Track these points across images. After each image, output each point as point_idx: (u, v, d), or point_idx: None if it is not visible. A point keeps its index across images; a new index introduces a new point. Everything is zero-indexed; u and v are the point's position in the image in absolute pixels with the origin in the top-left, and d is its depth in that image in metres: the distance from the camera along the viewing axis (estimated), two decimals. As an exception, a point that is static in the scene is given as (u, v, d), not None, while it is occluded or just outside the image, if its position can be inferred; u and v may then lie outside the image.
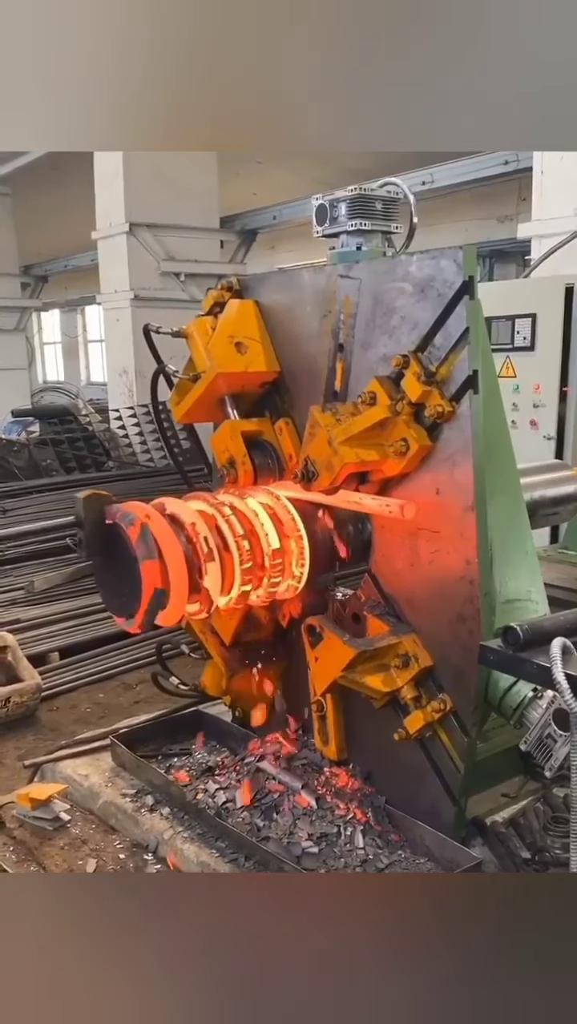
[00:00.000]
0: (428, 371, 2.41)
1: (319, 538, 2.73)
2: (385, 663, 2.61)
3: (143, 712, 4.18)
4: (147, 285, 10.86)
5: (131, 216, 10.63)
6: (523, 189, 12.43)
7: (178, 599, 2.50)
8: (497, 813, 2.81)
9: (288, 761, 2.92)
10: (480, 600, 2.40)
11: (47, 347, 29.32)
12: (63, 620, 5.69)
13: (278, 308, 2.97)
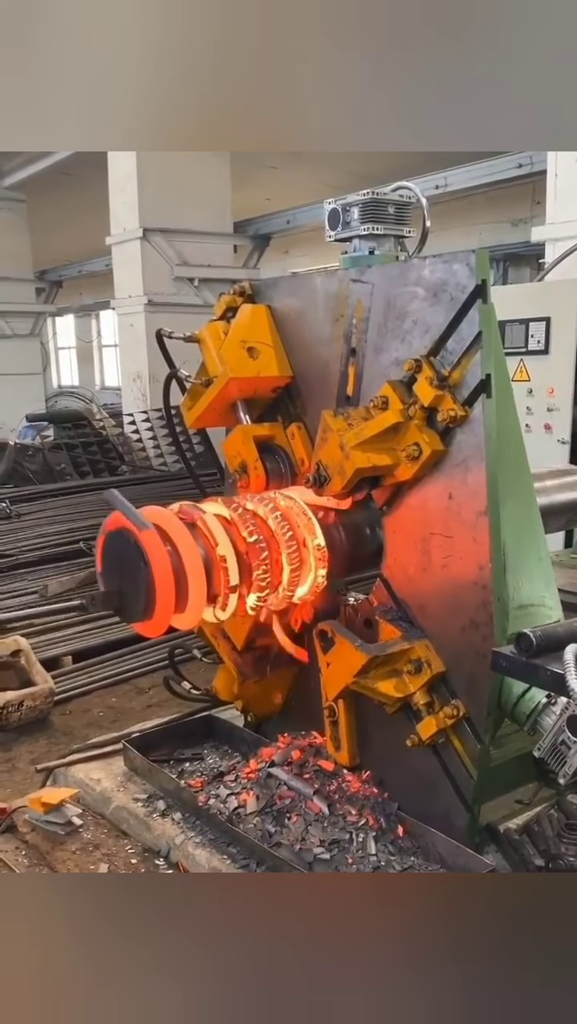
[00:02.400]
0: (441, 375, 2.41)
1: (336, 543, 2.72)
2: (397, 668, 2.59)
3: (155, 716, 4.17)
4: (160, 290, 10.90)
5: (145, 221, 10.68)
6: (537, 192, 12.40)
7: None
8: (511, 820, 2.79)
9: (300, 767, 2.91)
10: (493, 605, 2.38)
11: (62, 352, 29.48)
12: (76, 624, 5.71)
13: (290, 312, 2.97)
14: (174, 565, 2.39)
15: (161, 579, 2.37)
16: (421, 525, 2.56)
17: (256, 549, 2.55)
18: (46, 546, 7.33)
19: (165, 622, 2.46)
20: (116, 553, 2.51)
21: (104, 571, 2.56)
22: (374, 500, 2.69)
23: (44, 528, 7.87)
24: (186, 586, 2.42)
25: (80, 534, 7.52)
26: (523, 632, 2.13)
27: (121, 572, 2.48)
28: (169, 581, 2.38)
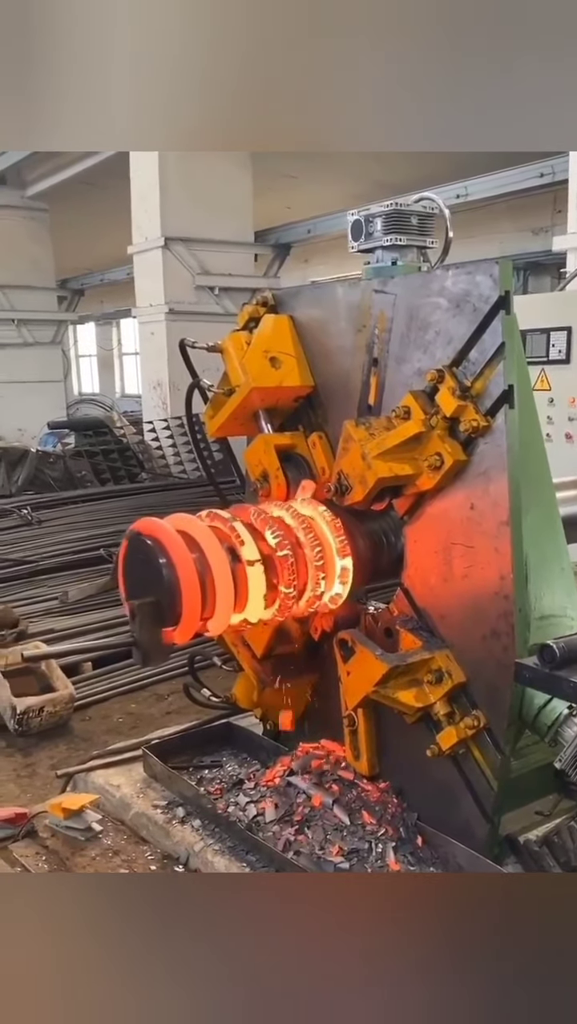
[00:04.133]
0: (463, 385, 2.41)
1: (357, 552, 2.72)
2: (418, 678, 2.59)
3: (175, 723, 4.19)
4: (181, 299, 10.98)
5: (166, 230, 10.76)
6: (558, 201, 12.38)
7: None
8: (531, 831, 2.78)
9: (320, 776, 2.91)
10: (515, 616, 2.38)
11: (83, 360, 29.69)
12: (96, 630, 5.73)
13: (312, 323, 2.99)
14: (199, 571, 2.41)
15: (187, 585, 2.39)
16: (442, 535, 2.56)
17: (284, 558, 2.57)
18: (66, 553, 7.38)
19: (191, 629, 2.49)
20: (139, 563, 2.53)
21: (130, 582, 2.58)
22: (395, 509, 2.70)
23: (65, 535, 7.92)
24: (213, 592, 2.44)
25: (100, 541, 7.56)
26: (546, 643, 2.13)
27: (145, 581, 2.50)
28: (195, 587, 2.40)
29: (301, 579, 2.63)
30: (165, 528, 2.49)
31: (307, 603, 2.69)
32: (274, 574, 2.56)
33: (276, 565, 2.56)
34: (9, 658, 4.74)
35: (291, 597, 2.61)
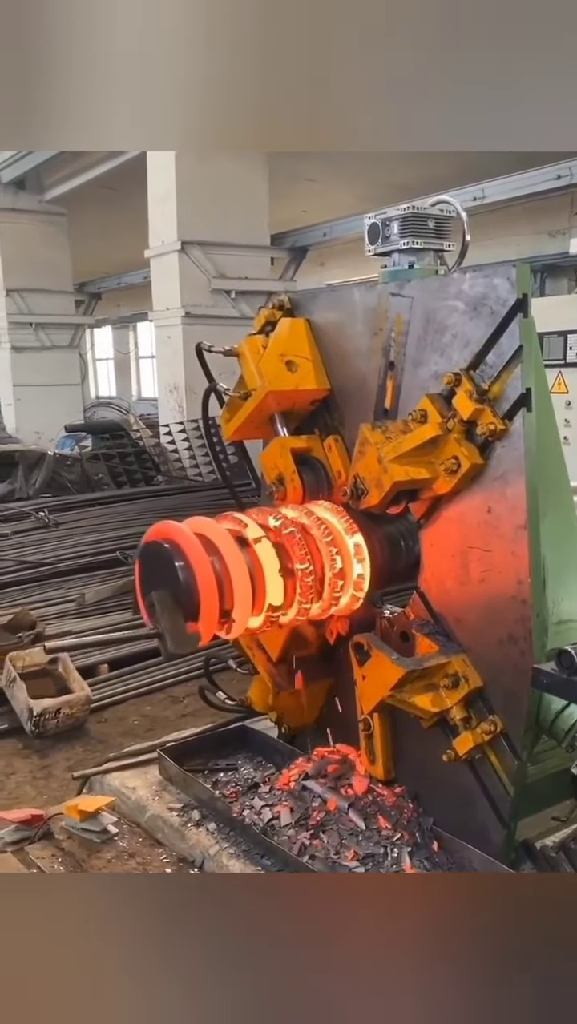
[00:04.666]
0: (480, 389, 2.40)
1: (373, 556, 2.71)
2: (434, 683, 2.58)
3: (190, 725, 4.20)
4: (198, 302, 11.00)
5: (183, 234, 10.79)
6: (576, 203, 12.35)
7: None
8: (547, 837, 2.76)
9: (336, 780, 2.91)
10: (532, 621, 2.37)
11: (99, 363, 29.83)
12: (113, 632, 5.75)
13: (329, 326, 2.99)
14: (216, 573, 2.42)
15: (205, 587, 2.40)
16: (459, 539, 2.55)
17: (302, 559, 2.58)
18: (84, 555, 7.41)
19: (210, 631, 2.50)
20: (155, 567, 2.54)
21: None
22: (411, 513, 2.69)
23: (82, 537, 7.95)
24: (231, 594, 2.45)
25: (117, 543, 7.59)
26: (565, 649, 2.12)
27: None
28: (212, 589, 2.41)
29: (317, 560, 2.62)
30: (180, 530, 2.50)
31: (328, 597, 2.68)
32: (286, 555, 2.56)
33: (284, 545, 2.56)
34: (27, 660, 4.76)
35: (308, 573, 2.59)
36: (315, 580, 2.62)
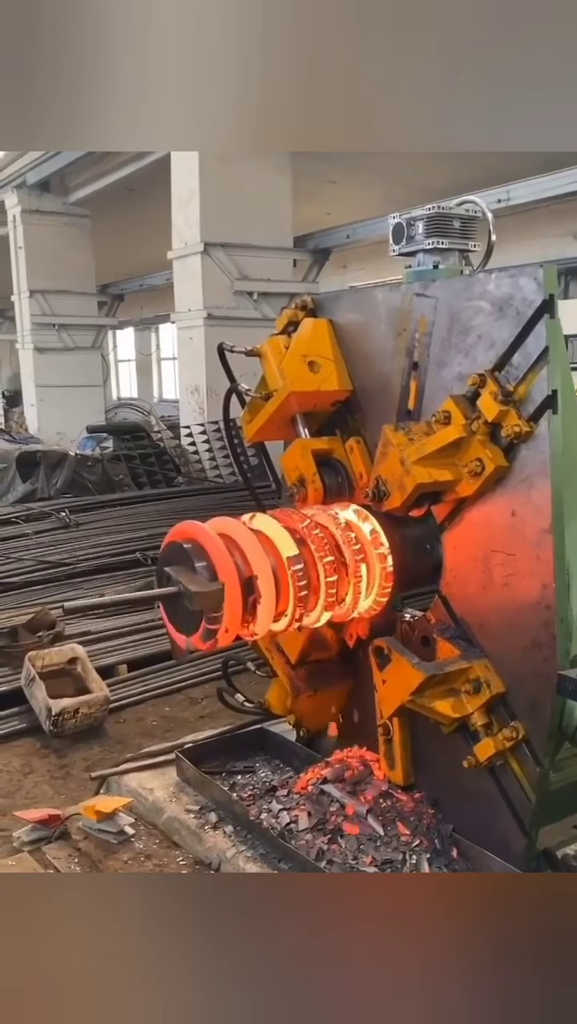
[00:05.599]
0: (505, 390, 2.37)
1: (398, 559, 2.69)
2: (455, 688, 2.55)
3: (208, 727, 4.18)
4: (220, 304, 11.01)
5: (206, 236, 10.81)
6: (601, 206, 12.22)
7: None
8: (569, 845, 2.73)
9: (354, 785, 2.88)
10: (556, 626, 2.33)
11: (121, 364, 29.97)
12: (132, 633, 5.75)
13: (352, 327, 2.96)
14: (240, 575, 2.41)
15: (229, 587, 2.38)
16: (482, 542, 2.52)
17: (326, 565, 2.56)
18: (103, 555, 7.42)
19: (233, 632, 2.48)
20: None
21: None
22: (434, 515, 2.66)
23: (101, 538, 7.97)
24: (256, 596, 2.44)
25: (137, 544, 7.59)
26: (590, 655, 2.08)
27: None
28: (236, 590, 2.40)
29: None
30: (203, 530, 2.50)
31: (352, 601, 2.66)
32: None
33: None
34: (46, 659, 4.77)
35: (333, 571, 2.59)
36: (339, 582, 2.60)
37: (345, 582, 2.59)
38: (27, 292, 16.05)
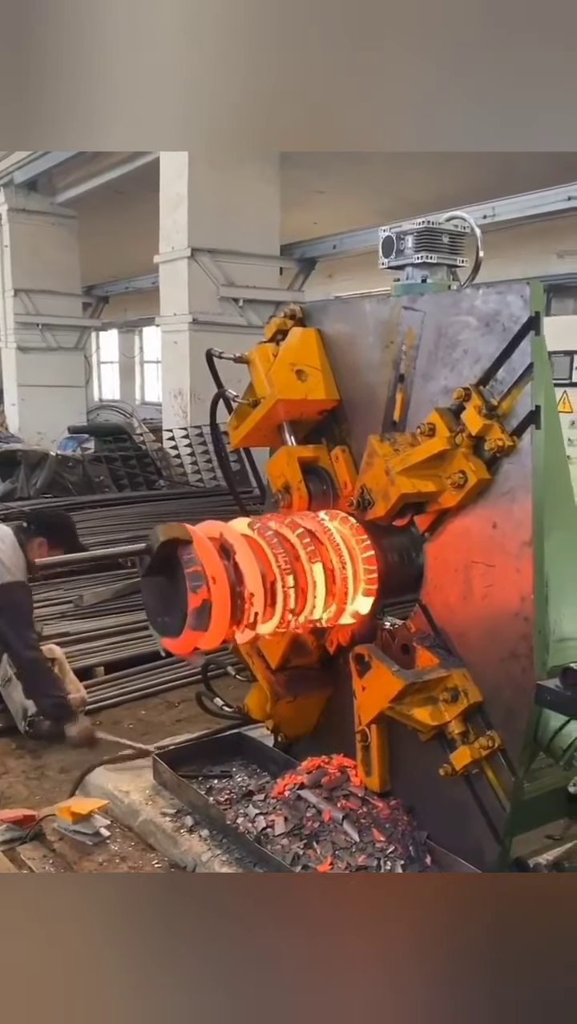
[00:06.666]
0: (490, 404, 2.41)
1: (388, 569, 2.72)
2: (433, 696, 2.58)
3: (185, 731, 4.19)
4: (206, 309, 11.04)
5: (193, 241, 10.84)
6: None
7: (206, 645, 2.54)
8: (541, 855, 2.76)
9: (330, 791, 2.90)
10: (534, 637, 2.37)
11: (104, 366, 29.90)
12: (110, 635, 5.75)
13: (340, 337, 3.00)
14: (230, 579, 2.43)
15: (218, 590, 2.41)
16: (463, 553, 2.55)
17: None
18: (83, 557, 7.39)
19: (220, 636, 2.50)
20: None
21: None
22: (416, 526, 2.69)
23: (82, 539, 7.94)
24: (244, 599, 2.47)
25: (118, 546, 7.58)
26: (569, 666, 2.12)
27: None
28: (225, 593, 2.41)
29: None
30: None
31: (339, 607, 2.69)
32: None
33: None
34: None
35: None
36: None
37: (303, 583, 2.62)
38: (11, 291, 15.99)
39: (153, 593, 2.63)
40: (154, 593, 2.62)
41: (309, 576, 2.60)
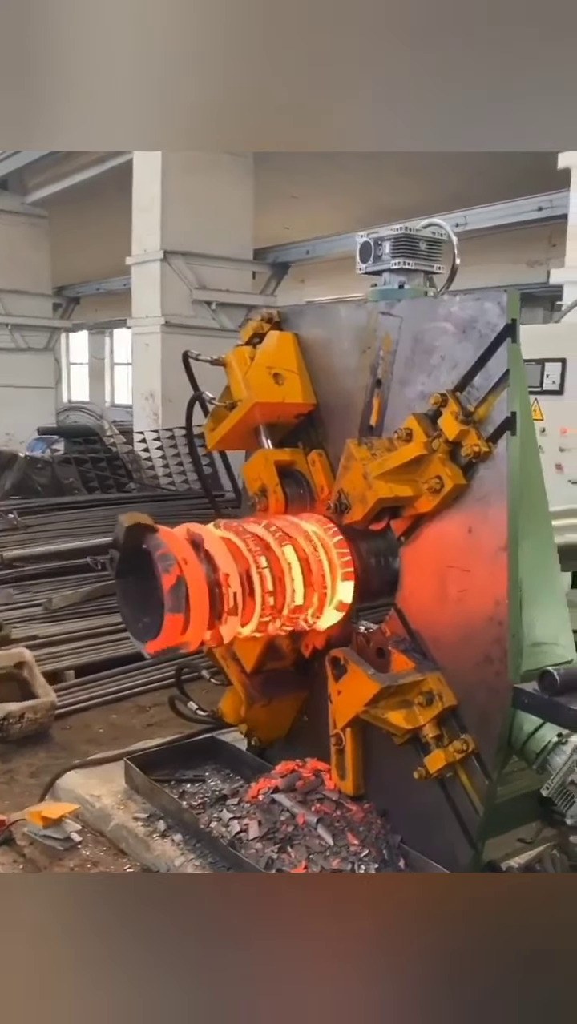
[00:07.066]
0: (466, 410, 2.43)
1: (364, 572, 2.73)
2: (408, 700, 2.59)
3: (156, 736, 4.17)
4: (178, 312, 11.01)
5: (166, 244, 10.81)
6: (554, 235, 12.57)
7: (193, 640, 2.52)
8: (513, 858, 2.78)
9: (305, 795, 2.90)
10: (508, 641, 2.39)
11: (74, 367, 29.68)
12: (80, 639, 5.70)
13: (317, 341, 3.01)
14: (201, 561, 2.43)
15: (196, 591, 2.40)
16: (439, 558, 2.57)
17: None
18: (52, 559, 7.34)
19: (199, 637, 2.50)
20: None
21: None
22: (392, 530, 2.71)
23: (51, 541, 7.88)
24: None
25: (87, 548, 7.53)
26: (547, 670, 2.14)
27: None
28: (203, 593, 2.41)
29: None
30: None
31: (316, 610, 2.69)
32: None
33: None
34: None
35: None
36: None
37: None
38: (-19, 290, 15.84)
39: (129, 601, 2.62)
40: (130, 600, 2.62)
41: (282, 559, 2.61)
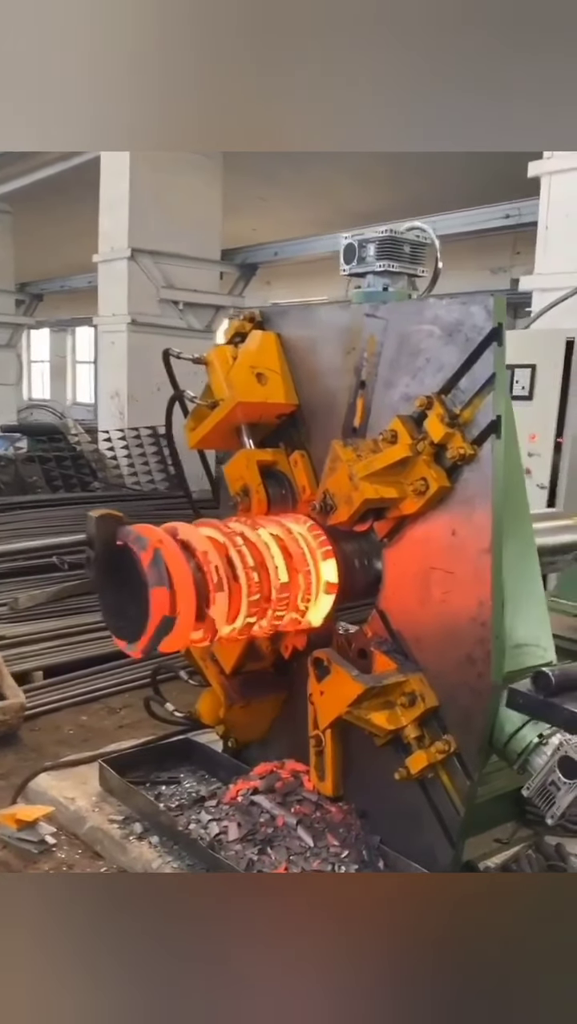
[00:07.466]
0: (452, 413, 2.45)
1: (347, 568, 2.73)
2: (391, 700, 2.60)
3: (128, 737, 4.12)
4: (145, 310, 10.92)
5: (134, 242, 10.72)
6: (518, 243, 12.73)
7: (184, 626, 2.49)
8: (489, 858, 2.81)
9: (284, 796, 2.89)
10: (491, 642, 2.41)
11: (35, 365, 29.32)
12: (49, 639, 5.62)
13: (300, 342, 3.01)
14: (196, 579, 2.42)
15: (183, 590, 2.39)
16: (422, 559, 2.59)
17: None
18: (17, 558, 7.22)
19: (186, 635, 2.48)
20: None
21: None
22: (376, 531, 2.71)
23: (15, 540, 7.75)
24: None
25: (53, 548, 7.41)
26: (542, 671, 2.17)
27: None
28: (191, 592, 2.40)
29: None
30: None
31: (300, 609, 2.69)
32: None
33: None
34: (-42, 664, 4.61)
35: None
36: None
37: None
38: (-58, 285, 15.56)
39: (114, 610, 2.61)
40: (114, 608, 2.60)
41: (259, 541, 2.61)
